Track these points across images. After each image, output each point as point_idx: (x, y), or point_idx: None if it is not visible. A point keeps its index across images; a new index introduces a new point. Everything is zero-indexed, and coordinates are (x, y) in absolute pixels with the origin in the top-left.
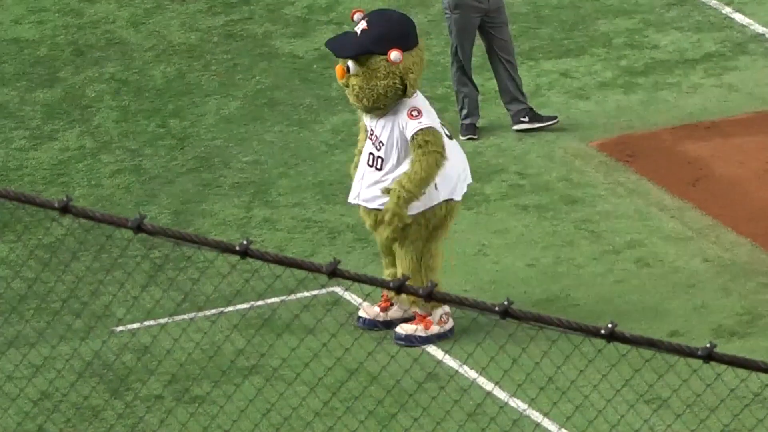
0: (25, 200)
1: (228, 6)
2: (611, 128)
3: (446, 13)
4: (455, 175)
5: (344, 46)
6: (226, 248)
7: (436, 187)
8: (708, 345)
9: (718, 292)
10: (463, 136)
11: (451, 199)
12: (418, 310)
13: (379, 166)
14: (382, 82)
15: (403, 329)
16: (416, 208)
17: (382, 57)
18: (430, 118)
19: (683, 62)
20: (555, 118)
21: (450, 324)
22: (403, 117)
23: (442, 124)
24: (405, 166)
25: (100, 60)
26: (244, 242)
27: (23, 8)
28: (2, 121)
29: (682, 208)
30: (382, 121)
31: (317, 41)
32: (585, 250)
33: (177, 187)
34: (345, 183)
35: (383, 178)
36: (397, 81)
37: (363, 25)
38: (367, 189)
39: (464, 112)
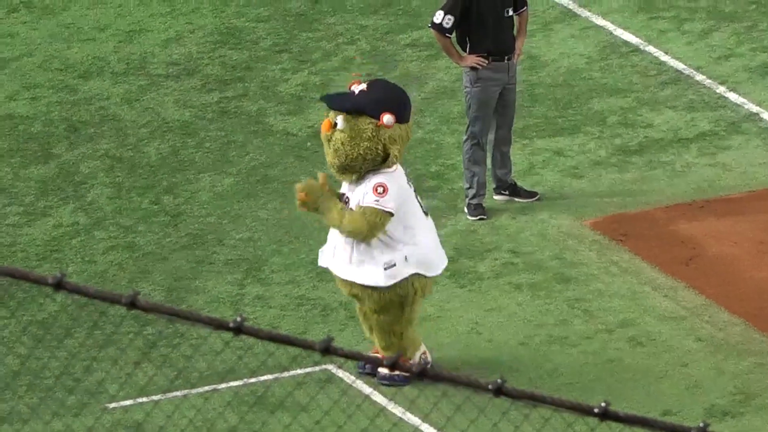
0: (18, 276)
1: (222, 83)
2: (605, 207)
3: (465, 88)
4: (426, 250)
5: (340, 100)
6: (219, 325)
7: (406, 259)
8: (701, 424)
9: (712, 371)
10: (473, 216)
11: (423, 276)
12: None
13: None
14: (364, 143)
15: (385, 370)
16: (388, 279)
17: (372, 120)
18: (393, 202)
19: (677, 141)
20: (536, 194)
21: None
22: (369, 185)
23: (418, 200)
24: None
25: (94, 136)
26: (238, 319)
27: (17, 84)
28: None
29: (675, 287)
30: (355, 189)
31: (311, 119)
32: (578, 328)
33: (170, 263)
34: None
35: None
36: (379, 147)
37: (363, 86)
38: (340, 258)
39: (472, 191)
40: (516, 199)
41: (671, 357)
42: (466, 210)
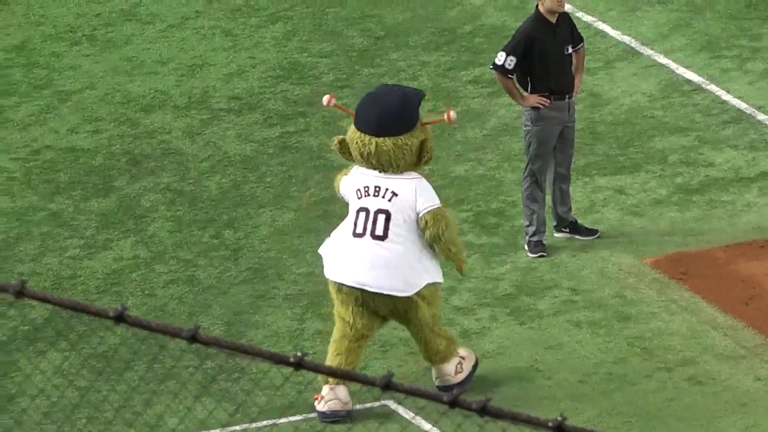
0: (79, 309)
1: (283, 118)
2: (665, 245)
3: (526, 126)
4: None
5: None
6: (279, 360)
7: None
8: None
9: None
10: (533, 253)
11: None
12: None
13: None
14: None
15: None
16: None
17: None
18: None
19: (738, 180)
20: (597, 232)
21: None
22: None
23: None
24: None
25: (155, 170)
26: (298, 354)
27: (79, 117)
28: (57, 229)
29: (735, 326)
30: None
31: None
32: (637, 366)
33: (230, 298)
34: None
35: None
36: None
37: (333, 101)
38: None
39: (532, 229)
40: (576, 237)
41: (730, 396)
42: (526, 247)
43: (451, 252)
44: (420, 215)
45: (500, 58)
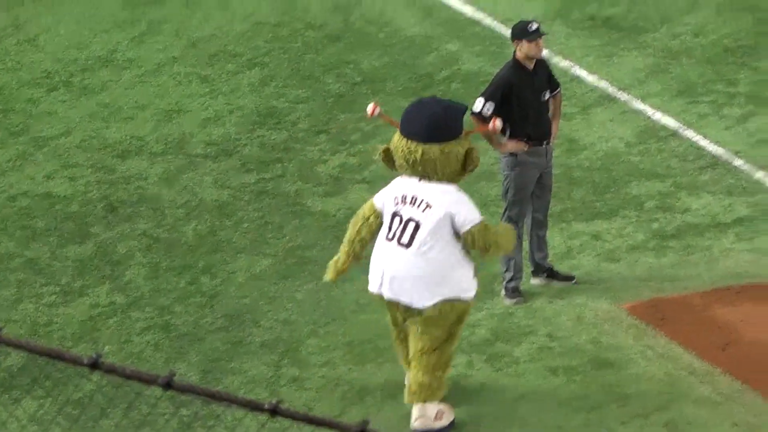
0: (54, 356)
1: (260, 164)
2: (642, 291)
3: (504, 172)
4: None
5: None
6: (255, 407)
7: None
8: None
9: None
10: (510, 299)
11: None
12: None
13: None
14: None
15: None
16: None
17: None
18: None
19: (715, 226)
20: (573, 278)
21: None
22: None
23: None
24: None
25: (131, 216)
26: (274, 401)
27: (56, 163)
28: (33, 276)
29: (711, 372)
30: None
31: (349, 199)
32: (614, 413)
33: (206, 344)
34: (375, 342)
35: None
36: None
37: (378, 109)
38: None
39: (509, 275)
40: (553, 283)
41: None
42: (503, 293)
43: (499, 255)
44: (462, 232)
45: (478, 104)
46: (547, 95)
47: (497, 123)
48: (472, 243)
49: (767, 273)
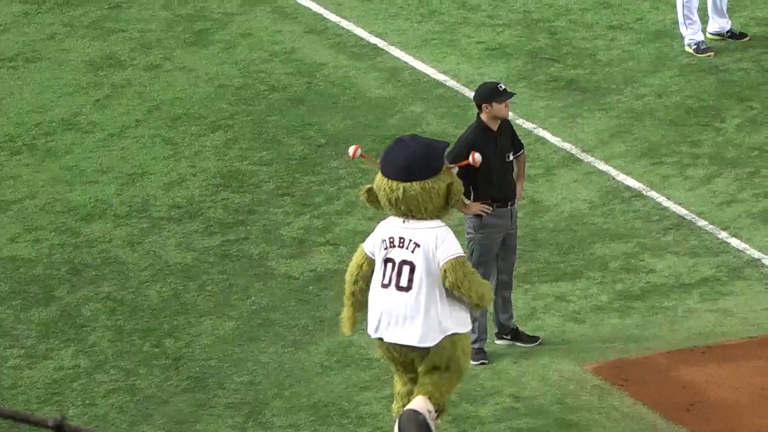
0: (18, 419)
1: (224, 226)
2: (606, 352)
3: (468, 234)
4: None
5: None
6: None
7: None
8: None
9: None
10: (475, 360)
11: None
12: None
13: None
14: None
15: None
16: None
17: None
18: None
19: (679, 287)
20: (538, 339)
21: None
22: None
23: None
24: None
25: (95, 279)
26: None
27: (19, 227)
28: None
29: None
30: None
31: (313, 262)
32: None
33: (171, 407)
34: (339, 404)
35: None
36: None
37: (359, 151)
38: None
39: (473, 336)
40: (518, 344)
41: None
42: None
43: (473, 299)
44: (440, 265)
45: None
46: (511, 156)
47: (476, 156)
48: (444, 277)
49: (732, 333)
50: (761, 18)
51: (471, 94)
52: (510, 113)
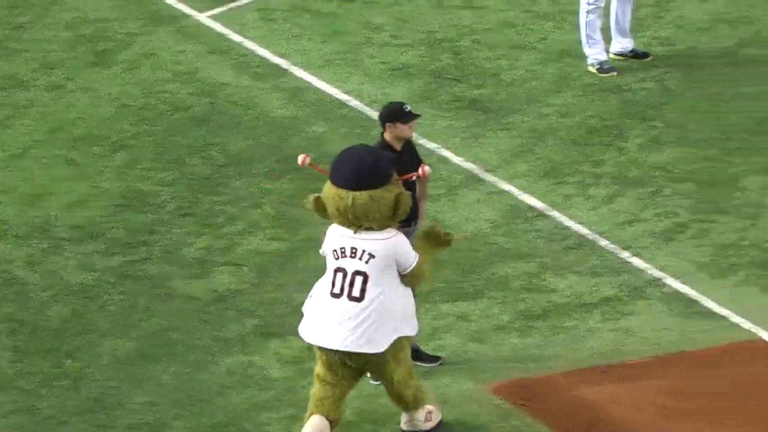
0: None
1: (125, 247)
2: (507, 372)
3: None
4: None
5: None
6: None
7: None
8: None
9: None
10: (376, 381)
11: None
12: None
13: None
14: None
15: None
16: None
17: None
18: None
19: (580, 306)
20: (439, 358)
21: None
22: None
23: None
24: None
25: None
26: None
27: None
28: None
29: None
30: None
31: (215, 282)
32: None
33: (71, 427)
34: (240, 425)
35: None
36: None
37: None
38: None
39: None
40: (418, 364)
41: None
42: (368, 374)
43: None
44: (407, 271)
45: None
46: (414, 176)
47: (426, 168)
48: (407, 284)
49: (633, 353)
50: (664, 37)
51: (374, 114)
52: (413, 133)
